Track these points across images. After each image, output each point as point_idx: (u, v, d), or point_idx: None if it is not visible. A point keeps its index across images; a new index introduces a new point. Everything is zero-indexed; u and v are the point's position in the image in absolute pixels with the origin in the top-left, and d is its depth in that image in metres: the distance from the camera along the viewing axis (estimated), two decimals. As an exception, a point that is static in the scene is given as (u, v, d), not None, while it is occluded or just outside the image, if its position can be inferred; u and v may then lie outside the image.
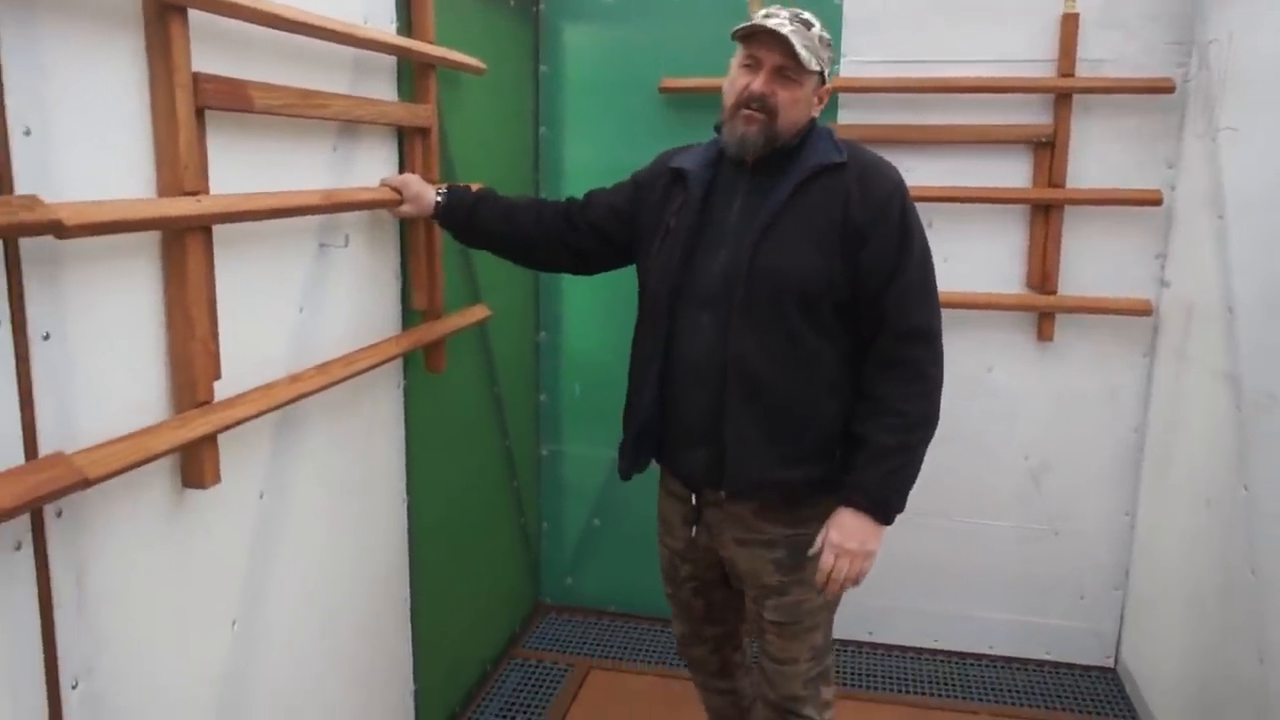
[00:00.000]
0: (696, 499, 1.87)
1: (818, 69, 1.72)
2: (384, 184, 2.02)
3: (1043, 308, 2.88)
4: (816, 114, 1.79)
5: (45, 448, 1.21)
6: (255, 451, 1.68)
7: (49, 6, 1.19)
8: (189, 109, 1.37)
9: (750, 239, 1.71)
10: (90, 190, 1.26)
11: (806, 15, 1.73)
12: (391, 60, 2.07)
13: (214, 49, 1.47)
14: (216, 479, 1.49)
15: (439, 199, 2.04)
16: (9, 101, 1.13)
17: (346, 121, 1.87)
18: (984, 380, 2.96)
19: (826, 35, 1.75)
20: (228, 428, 1.48)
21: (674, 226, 1.82)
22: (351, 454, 2.01)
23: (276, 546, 1.75)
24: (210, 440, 1.47)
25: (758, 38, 1.69)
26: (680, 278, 1.78)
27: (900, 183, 1.74)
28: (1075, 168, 2.81)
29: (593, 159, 3.10)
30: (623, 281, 2.07)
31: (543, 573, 3.35)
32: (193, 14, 1.39)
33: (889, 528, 1.76)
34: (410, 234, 2.17)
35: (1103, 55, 2.75)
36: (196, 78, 1.39)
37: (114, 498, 1.34)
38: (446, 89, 2.30)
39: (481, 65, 2.38)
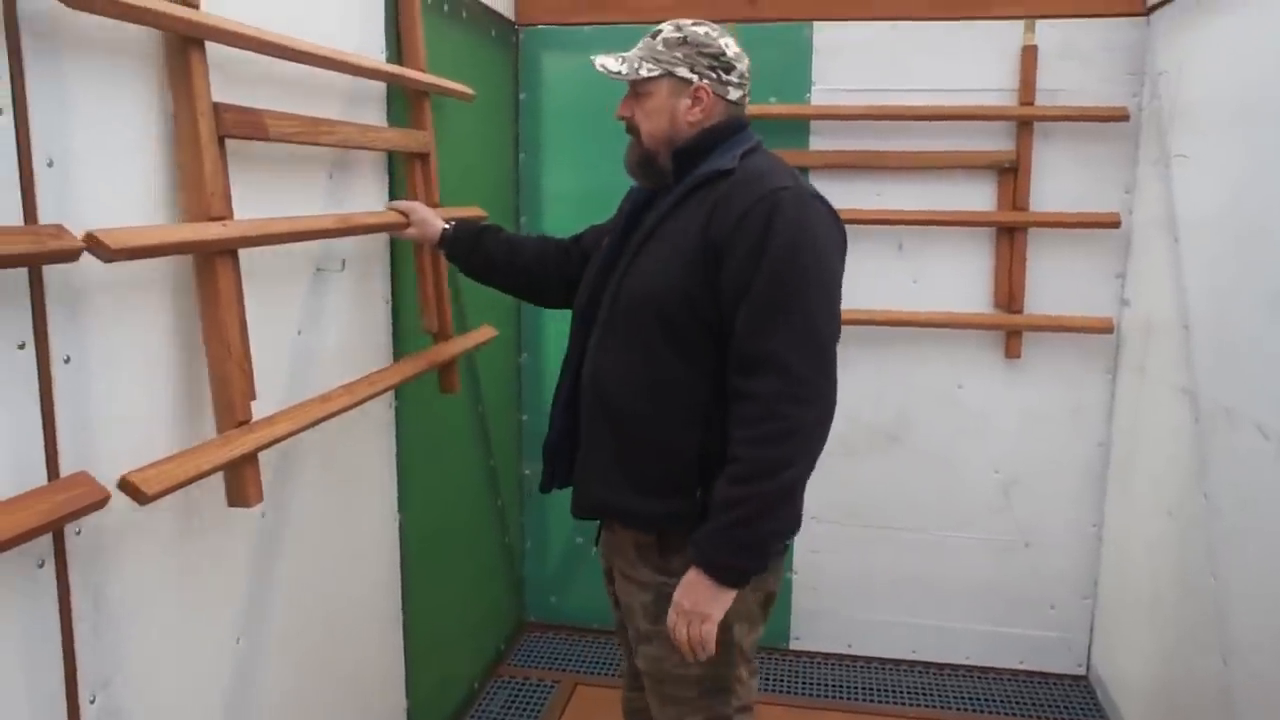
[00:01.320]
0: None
1: (657, 73, 1.65)
2: (390, 208, 2.09)
3: (1010, 326, 2.98)
4: (695, 117, 1.65)
5: (66, 468, 1.25)
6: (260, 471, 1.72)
7: (71, 41, 1.25)
8: (211, 137, 1.42)
9: (626, 257, 1.68)
10: (110, 218, 1.31)
11: (662, 25, 1.69)
12: (381, 88, 2.13)
13: (218, 80, 1.53)
14: (260, 497, 1.52)
15: (446, 228, 2.08)
16: (34, 134, 1.18)
17: (349, 148, 1.93)
18: (954, 396, 3.06)
19: (682, 34, 1.65)
20: (267, 446, 1.52)
21: (602, 246, 1.82)
22: (345, 473, 2.05)
23: (277, 564, 1.79)
24: (252, 459, 1.50)
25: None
26: (586, 297, 1.77)
27: (775, 193, 1.52)
28: (1038, 192, 2.93)
29: (571, 184, 3.17)
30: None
31: (527, 591, 3.39)
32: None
33: (743, 585, 1.56)
34: (417, 259, 2.23)
35: (1061, 85, 2.88)
36: (216, 107, 1.45)
37: (128, 517, 1.38)
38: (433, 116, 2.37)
39: (470, 92, 2.45)
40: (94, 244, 1.20)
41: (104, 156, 1.31)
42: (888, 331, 2.99)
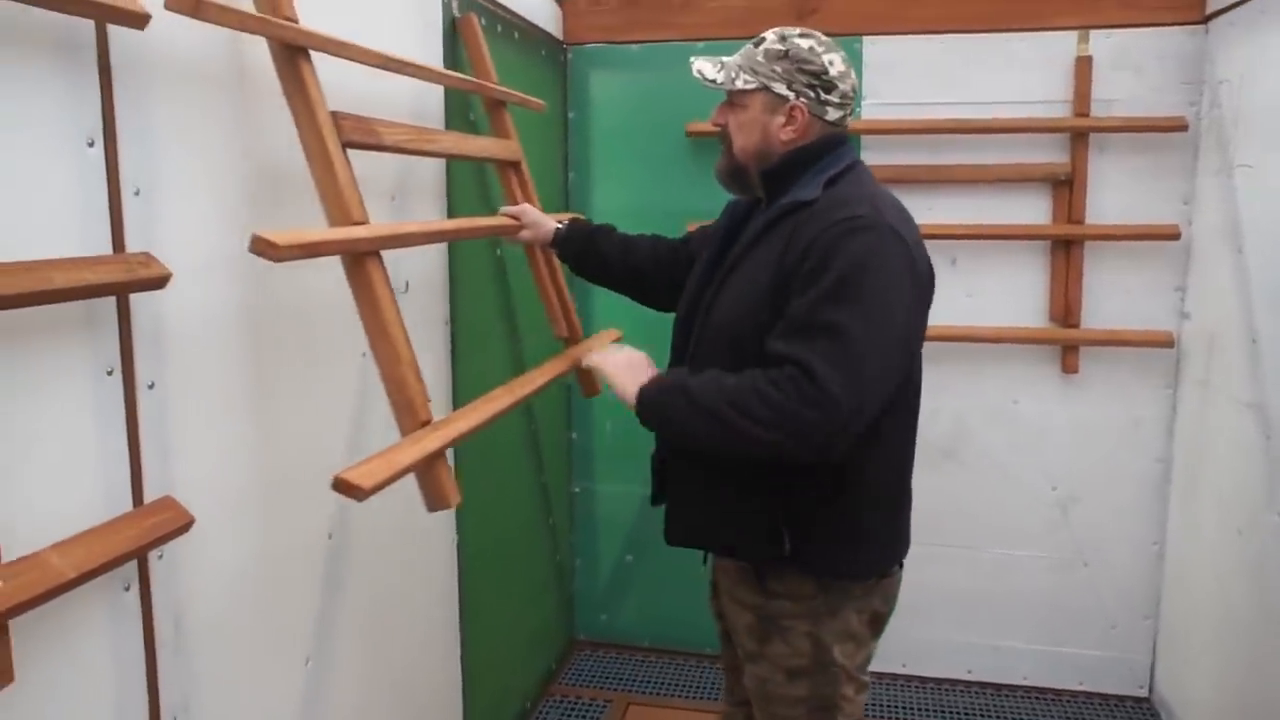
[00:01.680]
0: None
1: (753, 85, 1.61)
2: (503, 213, 2.12)
3: (1066, 341, 2.94)
4: (788, 136, 1.61)
5: (150, 493, 1.26)
6: (325, 494, 1.73)
7: (159, 72, 1.27)
8: (337, 144, 1.43)
9: (713, 286, 1.66)
10: (191, 245, 1.33)
11: (766, 34, 1.64)
12: (438, 105, 2.16)
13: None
14: (459, 495, 1.49)
15: (559, 227, 2.10)
16: (122, 164, 1.21)
17: (451, 157, 2.00)
18: (1010, 412, 3.02)
19: (784, 48, 1.59)
20: (456, 442, 1.51)
21: (702, 257, 1.80)
22: (404, 492, 2.05)
23: (342, 585, 1.80)
24: (442, 457, 1.48)
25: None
26: (683, 311, 1.76)
27: (848, 220, 1.47)
28: (1094, 204, 2.89)
29: (621, 202, 3.18)
30: (652, 319, 2.13)
31: (577, 609, 3.39)
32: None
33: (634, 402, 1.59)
34: (534, 269, 2.28)
35: (1116, 95, 2.84)
36: (334, 115, 1.46)
37: (210, 540, 1.39)
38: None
39: (541, 102, 2.47)
40: (263, 246, 1.22)
41: (185, 185, 1.33)
42: (942, 347, 2.96)
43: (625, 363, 1.67)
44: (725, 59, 1.68)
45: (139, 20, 1.14)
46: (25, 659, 1.07)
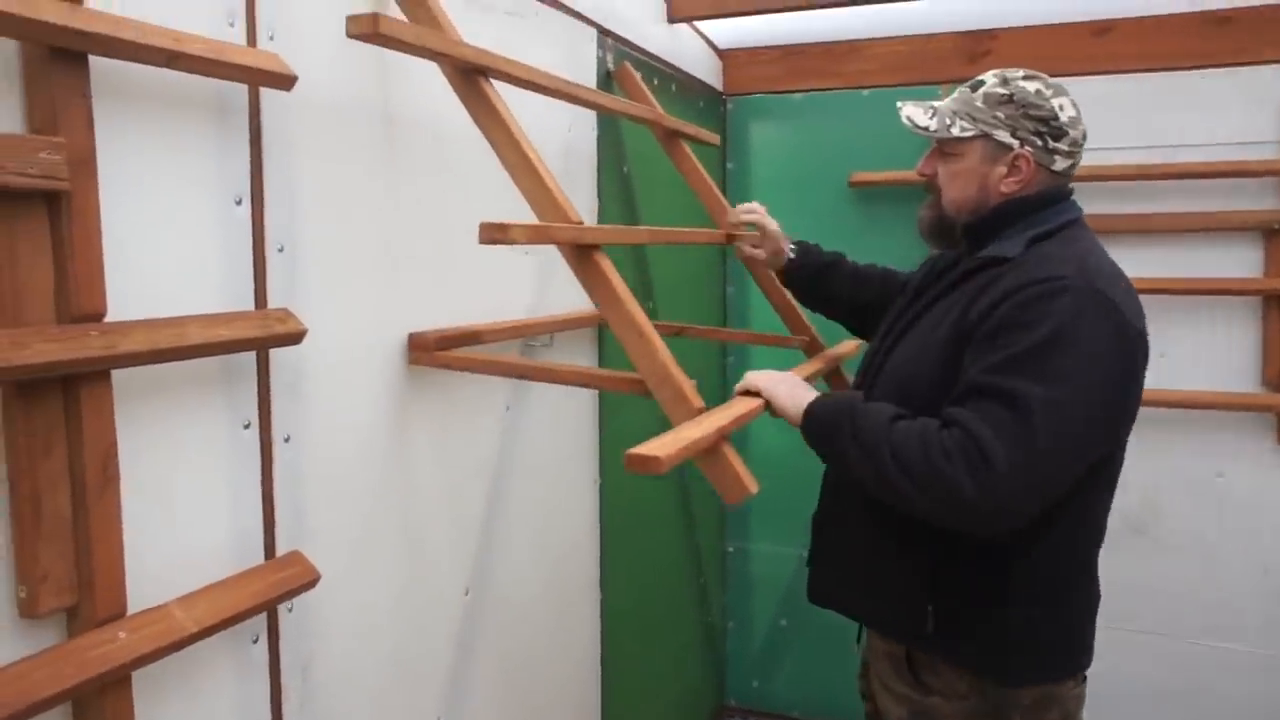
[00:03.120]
0: None
1: (972, 133, 1.48)
2: (743, 209, 2.03)
3: (1282, 408, 2.62)
4: (1010, 188, 1.48)
5: (282, 546, 1.27)
6: (464, 549, 1.72)
7: (302, 130, 1.30)
8: (535, 154, 1.42)
9: (893, 336, 1.57)
10: (328, 296, 1.35)
11: (985, 76, 1.52)
12: (591, 145, 2.17)
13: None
14: (756, 483, 1.35)
15: (791, 255, 1.99)
16: (268, 222, 1.24)
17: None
18: (1213, 486, 2.70)
19: (1008, 91, 1.46)
20: (731, 427, 1.38)
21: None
22: (549, 550, 2.03)
23: (479, 641, 1.77)
24: (728, 443, 1.35)
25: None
26: (865, 363, 1.68)
27: (1049, 281, 1.33)
28: (1315, 255, 2.57)
29: (781, 254, 3.09)
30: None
31: (728, 673, 3.26)
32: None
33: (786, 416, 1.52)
34: (759, 279, 2.27)
35: (1338, 133, 2.53)
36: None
37: (341, 592, 1.39)
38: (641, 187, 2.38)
39: (715, 137, 2.45)
40: (493, 232, 1.23)
41: (328, 240, 1.35)
42: (1132, 411, 2.69)
43: (782, 379, 1.58)
44: (936, 104, 1.56)
45: (287, 82, 1.17)
46: (150, 710, 1.09)
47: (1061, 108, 1.46)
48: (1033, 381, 1.27)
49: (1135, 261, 2.67)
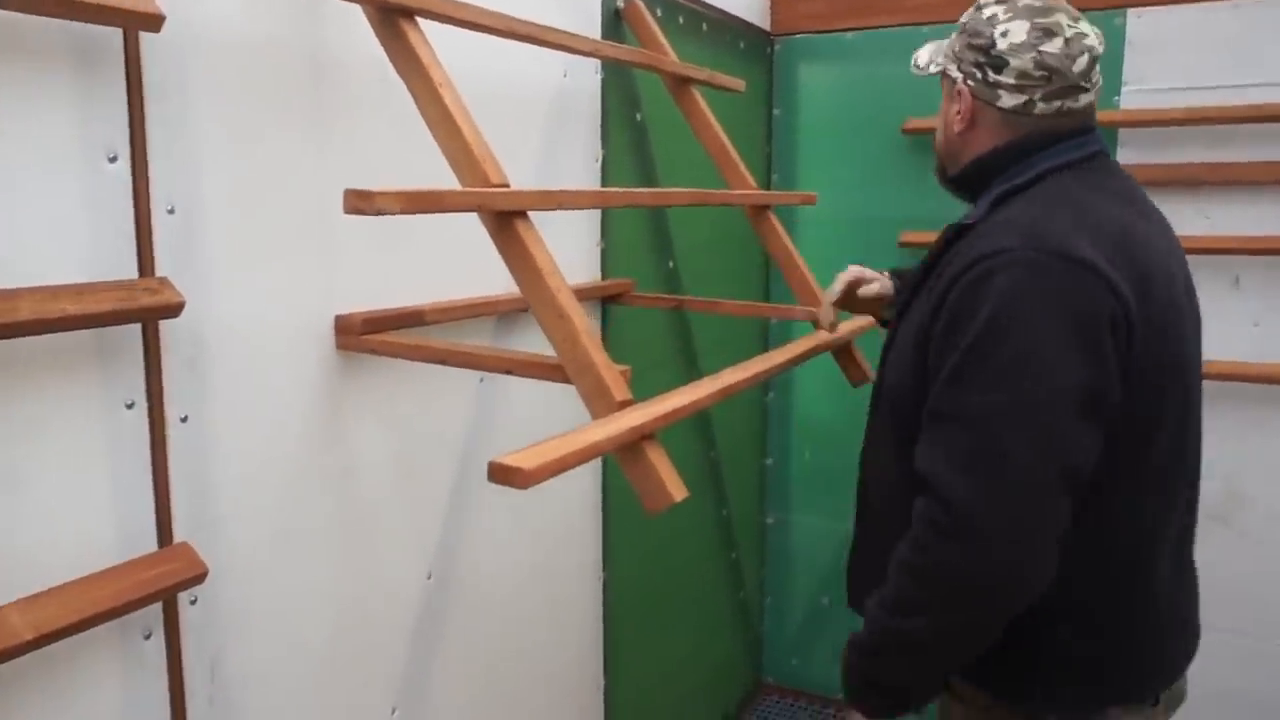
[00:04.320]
0: None
1: (935, 69, 1.35)
2: (833, 299, 1.63)
3: (1396, 385, 2.28)
4: (959, 128, 1.30)
5: (181, 534, 1.17)
6: (426, 532, 1.61)
7: (213, 81, 1.18)
8: (459, 106, 1.27)
9: (888, 340, 1.38)
10: (228, 265, 1.23)
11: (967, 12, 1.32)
12: (595, 93, 2.01)
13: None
14: (683, 490, 1.27)
15: (895, 287, 1.63)
16: (153, 180, 1.12)
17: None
18: (1311, 470, 2.39)
19: (965, 18, 1.30)
20: (665, 422, 1.27)
21: None
22: (537, 528, 1.90)
23: (448, 631, 1.67)
24: (653, 444, 1.25)
25: None
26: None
27: (992, 257, 1.13)
28: None
29: (830, 207, 2.84)
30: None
31: (765, 651, 3.11)
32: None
33: (860, 705, 1.29)
34: (767, 237, 2.09)
35: None
36: None
37: (262, 581, 1.29)
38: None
39: (739, 82, 2.24)
40: (362, 201, 1.06)
41: (232, 201, 1.23)
42: (1216, 387, 2.38)
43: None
44: (945, 41, 1.38)
45: (152, 23, 1.04)
46: (13, 714, 1.01)
47: (1005, 34, 1.23)
48: (979, 391, 1.09)
49: (1224, 218, 2.38)
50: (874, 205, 2.79)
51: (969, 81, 1.27)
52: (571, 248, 1.99)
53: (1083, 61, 1.22)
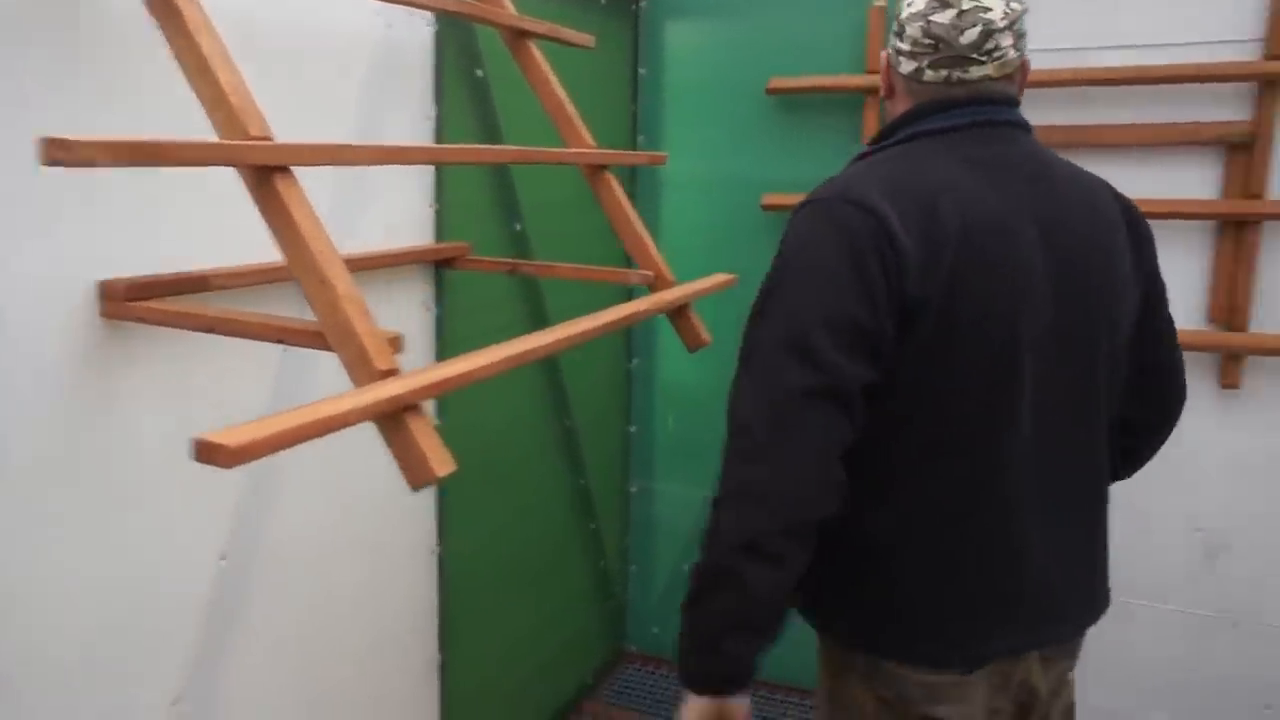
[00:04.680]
0: None
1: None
2: None
3: (1229, 348, 2.34)
4: (884, 94, 1.35)
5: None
6: (218, 512, 1.52)
7: None
8: (219, 52, 1.18)
9: None
10: None
11: None
12: (428, 52, 1.91)
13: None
14: (450, 464, 1.12)
15: None
16: None
17: None
18: (1148, 433, 2.44)
19: None
20: (434, 392, 1.16)
21: None
22: (355, 502, 1.82)
23: (249, 614, 1.58)
24: (417, 414, 1.11)
25: None
26: None
27: (799, 209, 1.21)
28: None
29: (694, 168, 2.80)
30: (720, 312, 1.86)
31: (629, 619, 3.09)
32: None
33: (692, 688, 1.22)
34: (602, 195, 1.97)
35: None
36: None
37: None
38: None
39: (587, 38, 2.13)
40: (62, 152, 0.92)
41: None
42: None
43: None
44: None
45: None
46: None
47: (910, 3, 1.26)
48: (762, 319, 1.17)
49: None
50: (738, 167, 2.74)
51: (887, 48, 1.32)
52: (400, 209, 1.90)
53: (973, 34, 1.21)
